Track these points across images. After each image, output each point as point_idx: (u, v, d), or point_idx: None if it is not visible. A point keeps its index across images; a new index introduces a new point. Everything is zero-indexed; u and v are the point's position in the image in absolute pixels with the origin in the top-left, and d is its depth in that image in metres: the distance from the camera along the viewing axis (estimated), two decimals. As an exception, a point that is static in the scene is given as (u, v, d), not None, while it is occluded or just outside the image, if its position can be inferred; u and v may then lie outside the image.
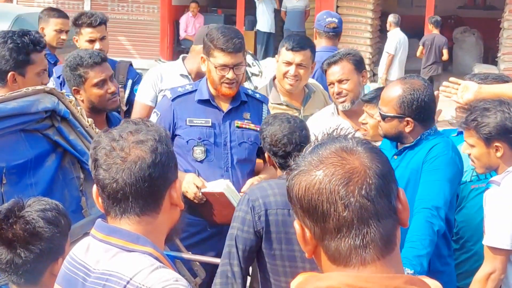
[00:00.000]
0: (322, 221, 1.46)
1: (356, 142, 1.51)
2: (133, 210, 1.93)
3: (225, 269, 3.32)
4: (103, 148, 1.94)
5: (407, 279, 1.44)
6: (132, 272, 1.86)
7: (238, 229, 3.31)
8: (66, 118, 3.55)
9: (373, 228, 1.45)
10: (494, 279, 3.31)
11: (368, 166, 1.46)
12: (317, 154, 1.50)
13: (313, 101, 4.84)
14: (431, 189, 3.39)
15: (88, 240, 2.01)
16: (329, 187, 1.45)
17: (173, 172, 1.98)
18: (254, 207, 3.28)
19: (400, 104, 3.51)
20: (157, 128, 2.00)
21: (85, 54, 4.05)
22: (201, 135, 4.03)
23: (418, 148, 3.56)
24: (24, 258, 2.40)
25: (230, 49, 3.95)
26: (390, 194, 1.48)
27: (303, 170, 1.50)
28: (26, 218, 2.41)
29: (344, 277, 1.44)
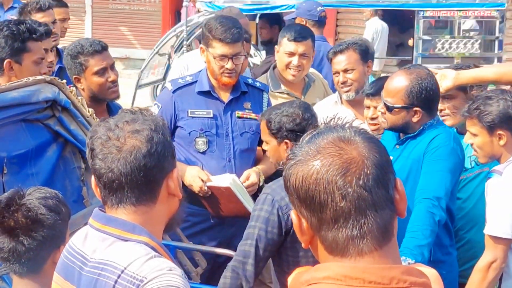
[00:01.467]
0: (319, 211, 1.45)
1: (353, 131, 1.50)
2: (129, 200, 1.93)
3: (237, 266, 3.25)
4: (99, 137, 1.94)
5: (404, 269, 1.44)
6: (126, 262, 1.86)
7: (260, 229, 3.21)
8: (67, 108, 3.55)
9: (371, 219, 1.44)
10: (495, 268, 3.32)
11: (366, 156, 1.45)
12: (314, 143, 1.49)
13: (313, 90, 4.84)
14: (432, 180, 3.38)
15: (86, 229, 2.01)
16: (326, 177, 1.44)
17: (170, 162, 1.97)
18: (281, 207, 3.19)
19: (409, 94, 3.49)
20: (154, 117, 1.99)
21: (86, 42, 4.05)
22: (203, 126, 4.03)
23: (420, 138, 3.55)
24: (27, 245, 2.40)
25: (228, 40, 3.95)
26: (388, 184, 1.47)
27: (300, 160, 1.49)
28: (28, 205, 2.41)
29: (341, 268, 1.44)
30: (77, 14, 14.57)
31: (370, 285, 1.41)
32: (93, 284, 1.90)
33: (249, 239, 3.23)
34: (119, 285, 1.84)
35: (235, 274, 3.25)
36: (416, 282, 1.44)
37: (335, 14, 16.15)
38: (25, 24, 3.80)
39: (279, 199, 3.19)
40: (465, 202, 3.87)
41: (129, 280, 1.83)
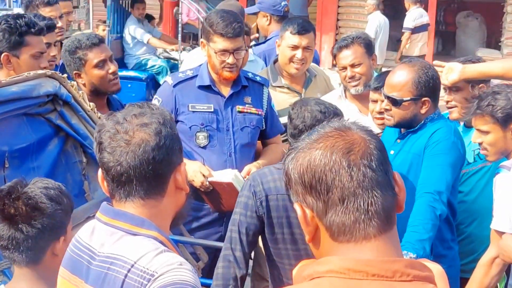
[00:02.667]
0: (326, 193, 1.46)
1: (350, 123, 1.54)
2: (137, 193, 1.93)
3: (227, 253, 3.34)
4: (107, 131, 1.94)
5: (408, 262, 1.44)
6: (136, 256, 1.85)
7: (240, 214, 3.33)
8: (68, 102, 3.54)
9: (376, 199, 1.46)
10: (498, 263, 3.31)
11: (367, 140, 1.49)
12: (314, 135, 1.52)
13: (315, 84, 4.83)
14: (433, 174, 3.38)
15: (93, 223, 2.01)
16: (331, 158, 1.46)
17: (177, 155, 1.98)
18: (255, 192, 3.30)
19: (417, 85, 3.49)
20: (162, 111, 1.99)
21: (83, 36, 4.05)
22: (203, 121, 4.03)
23: (421, 132, 3.54)
24: (26, 233, 2.40)
25: (229, 34, 3.94)
26: (388, 170, 1.50)
27: (302, 148, 1.51)
28: (29, 194, 2.42)
29: (344, 261, 1.44)
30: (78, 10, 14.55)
31: (374, 278, 1.42)
32: (102, 279, 1.89)
33: (233, 225, 3.34)
34: (129, 279, 1.84)
35: (226, 262, 3.32)
36: (419, 275, 1.44)
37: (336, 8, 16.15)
38: (24, 18, 3.80)
39: (255, 185, 3.29)
40: (467, 196, 3.87)
41: (139, 275, 1.83)
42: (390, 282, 1.42)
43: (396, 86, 3.53)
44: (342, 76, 4.46)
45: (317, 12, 16.29)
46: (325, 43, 15.82)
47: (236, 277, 3.32)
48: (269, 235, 3.35)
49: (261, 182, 3.31)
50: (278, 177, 3.31)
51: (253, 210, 3.31)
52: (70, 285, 2.00)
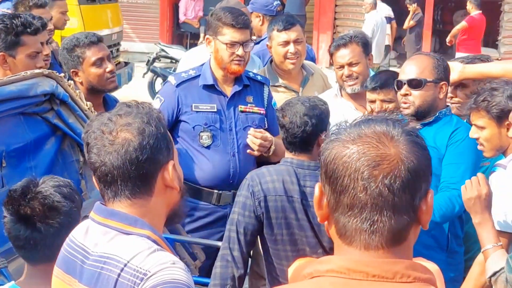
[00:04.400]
0: (339, 193, 1.45)
1: (402, 130, 1.48)
2: (123, 193, 1.93)
3: (225, 253, 3.35)
4: (93, 131, 1.95)
5: (409, 264, 1.44)
6: (129, 255, 1.86)
7: (239, 214, 3.34)
8: (65, 101, 3.55)
9: (385, 218, 1.43)
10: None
11: (402, 158, 1.43)
12: (359, 128, 1.48)
13: (312, 83, 4.83)
14: (458, 171, 3.47)
15: (87, 222, 2.01)
16: (355, 164, 1.43)
17: (164, 154, 1.96)
18: (254, 192, 3.31)
19: (437, 69, 3.59)
20: (149, 110, 1.98)
21: (81, 35, 4.06)
22: (207, 121, 4.03)
23: (437, 126, 3.61)
24: (44, 232, 2.41)
25: (240, 25, 3.95)
26: (416, 193, 1.45)
27: (339, 139, 1.48)
28: (44, 193, 2.42)
29: (345, 261, 1.44)
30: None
31: (374, 279, 1.41)
32: (95, 278, 1.90)
33: (232, 225, 3.35)
34: (122, 278, 1.84)
35: (224, 262, 3.34)
36: (421, 277, 1.43)
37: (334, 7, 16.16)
38: (20, 18, 3.80)
39: (254, 185, 3.31)
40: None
41: (132, 274, 1.83)
42: (390, 284, 1.41)
43: (417, 70, 3.61)
44: (338, 74, 4.47)
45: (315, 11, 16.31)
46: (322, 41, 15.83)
47: (233, 277, 3.33)
48: (268, 235, 3.35)
49: (259, 182, 3.31)
50: (277, 178, 3.32)
51: (251, 210, 3.32)
52: (64, 284, 2.00)
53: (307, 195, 3.26)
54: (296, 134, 3.34)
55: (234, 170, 4.02)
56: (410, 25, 14.76)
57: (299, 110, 3.35)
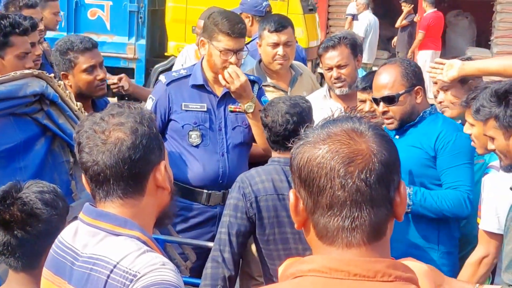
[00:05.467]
0: (316, 195, 1.46)
1: (368, 126, 1.50)
2: (115, 193, 1.93)
3: (216, 255, 3.38)
4: (85, 131, 1.95)
5: (390, 263, 1.44)
6: (119, 256, 1.85)
7: (230, 216, 3.37)
8: (55, 102, 3.53)
9: (365, 213, 1.45)
10: (486, 263, 3.32)
11: (374, 152, 1.46)
12: (327, 128, 1.50)
13: (300, 83, 4.85)
14: (461, 173, 3.52)
15: (76, 224, 2.00)
16: (330, 163, 1.44)
17: (156, 154, 1.97)
18: (245, 194, 3.35)
19: (406, 77, 3.58)
20: (140, 110, 1.99)
21: (76, 39, 4.02)
22: (196, 120, 4.03)
23: (422, 126, 3.63)
24: (21, 239, 2.39)
25: (235, 34, 3.94)
26: (390, 185, 1.47)
27: (309, 141, 1.50)
28: (24, 199, 2.40)
29: (327, 261, 1.44)
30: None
31: (355, 278, 1.42)
32: (85, 279, 1.89)
33: (223, 227, 3.38)
34: (111, 280, 1.84)
35: (215, 263, 3.37)
36: (402, 276, 1.44)
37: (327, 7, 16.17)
38: (8, 18, 3.78)
39: (244, 186, 3.36)
40: None
41: (122, 275, 1.83)
42: (371, 282, 1.42)
43: (387, 85, 3.59)
44: (327, 76, 4.48)
45: (308, 11, 16.28)
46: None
47: (224, 278, 3.35)
48: (260, 235, 3.38)
49: (249, 183, 3.35)
50: (266, 178, 3.36)
51: (243, 211, 3.35)
52: (53, 286, 2.00)
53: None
54: (279, 133, 3.41)
55: (224, 170, 4.02)
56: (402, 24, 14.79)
57: (281, 109, 3.42)
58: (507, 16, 15.12)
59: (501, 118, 2.93)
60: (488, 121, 3.00)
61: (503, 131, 2.95)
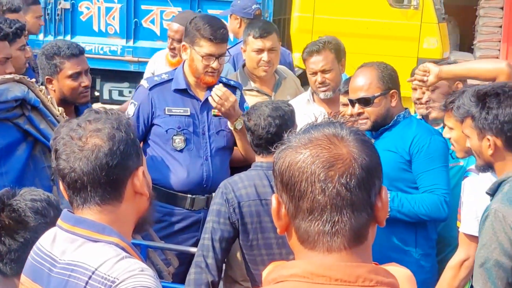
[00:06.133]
0: (297, 199, 1.46)
1: (350, 131, 1.50)
2: (93, 199, 1.92)
3: (199, 260, 3.39)
4: (62, 138, 1.94)
5: (371, 268, 1.44)
6: (97, 263, 1.84)
7: (213, 222, 3.39)
8: (37, 107, 3.51)
9: (345, 218, 1.45)
10: (467, 266, 3.34)
11: (355, 156, 1.46)
12: (309, 133, 1.50)
13: (284, 87, 4.87)
14: (433, 177, 3.56)
15: (54, 230, 2.00)
16: (310, 167, 1.45)
17: (134, 160, 1.96)
18: (228, 199, 3.37)
19: (382, 80, 3.63)
20: (118, 116, 1.98)
21: (64, 44, 3.99)
22: (180, 124, 4.03)
23: (396, 129, 3.67)
24: (8, 246, 2.37)
25: (218, 40, 3.94)
26: (371, 189, 1.47)
27: (291, 146, 1.50)
28: (14, 206, 2.38)
29: (308, 265, 1.45)
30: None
31: (336, 283, 1.42)
32: (63, 286, 1.88)
33: (206, 233, 3.40)
34: (90, 286, 1.83)
35: (198, 269, 3.38)
36: (383, 281, 1.44)
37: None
38: None
39: (227, 192, 3.39)
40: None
41: (100, 281, 1.82)
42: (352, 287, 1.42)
43: (363, 87, 3.64)
44: (311, 80, 4.49)
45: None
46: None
47: (208, 283, 3.36)
48: (244, 241, 3.40)
49: (232, 189, 3.38)
50: (248, 183, 3.38)
51: (226, 217, 3.37)
52: None
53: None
54: (261, 136, 3.44)
55: (208, 174, 4.02)
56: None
57: (263, 112, 3.45)
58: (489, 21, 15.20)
59: (477, 119, 2.97)
60: (465, 119, 3.04)
61: (477, 131, 2.99)
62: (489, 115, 2.94)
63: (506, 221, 2.82)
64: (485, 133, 2.96)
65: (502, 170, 2.98)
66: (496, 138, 2.95)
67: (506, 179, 2.94)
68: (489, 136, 2.95)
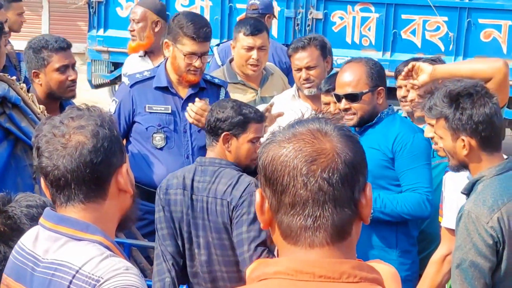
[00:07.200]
0: (280, 193, 1.45)
1: (334, 126, 1.49)
2: (77, 197, 1.90)
3: (157, 252, 3.45)
4: (44, 135, 1.91)
5: (355, 264, 1.44)
6: (81, 261, 1.83)
7: (155, 212, 3.47)
8: (18, 104, 3.50)
9: (327, 213, 1.44)
10: (450, 261, 3.33)
11: (338, 152, 1.45)
12: (293, 128, 1.49)
13: (271, 83, 4.86)
14: (416, 176, 3.57)
15: (37, 229, 1.97)
16: (293, 161, 1.44)
17: (118, 157, 1.94)
18: (160, 186, 3.44)
19: (371, 77, 3.63)
20: (100, 113, 1.96)
21: (51, 38, 3.99)
22: (161, 122, 4.01)
23: (380, 127, 3.67)
24: (4, 253, 2.34)
25: (200, 38, 3.92)
26: (355, 185, 1.46)
27: (275, 141, 1.49)
28: (9, 213, 2.34)
29: (292, 262, 1.44)
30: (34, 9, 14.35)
31: (321, 280, 1.41)
32: (46, 285, 1.86)
33: (157, 224, 3.46)
34: (74, 285, 1.81)
35: (159, 259, 3.44)
36: (367, 277, 1.44)
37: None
38: None
39: (163, 180, 3.46)
40: None
41: (84, 280, 1.81)
42: (337, 284, 1.41)
43: (351, 83, 3.63)
44: (296, 77, 4.50)
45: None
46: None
47: (168, 269, 3.40)
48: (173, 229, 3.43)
49: (167, 178, 3.46)
50: (180, 174, 3.42)
51: (158, 203, 3.44)
52: None
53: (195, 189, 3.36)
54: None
55: None
56: None
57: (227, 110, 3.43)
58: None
59: (450, 119, 2.96)
60: (438, 120, 3.03)
61: (451, 132, 2.98)
62: (463, 116, 2.94)
63: (480, 222, 2.84)
64: (459, 134, 2.96)
65: (477, 170, 2.99)
66: (471, 139, 2.95)
67: (480, 178, 2.95)
68: (463, 136, 2.95)
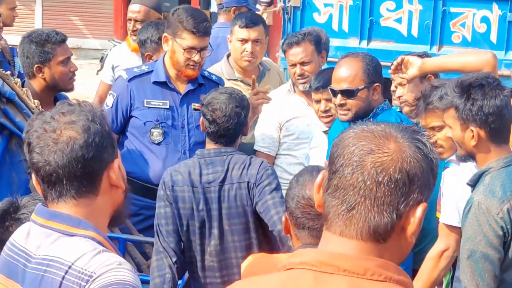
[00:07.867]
0: (333, 173, 1.46)
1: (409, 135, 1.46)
2: (69, 193, 1.89)
3: (157, 247, 3.44)
4: (35, 130, 1.90)
5: (381, 263, 1.42)
6: (73, 257, 1.82)
7: (157, 207, 3.46)
8: (12, 99, 3.49)
9: (362, 208, 1.42)
10: (447, 257, 3.34)
11: (400, 156, 1.42)
12: (376, 124, 1.50)
13: (268, 79, 4.85)
14: None
15: (28, 225, 1.97)
16: (353, 146, 1.44)
17: (109, 152, 1.94)
18: (164, 181, 3.42)
19: (367, 73, 3.61)
20: (91, 108, 1.95)
21: (51, 31, 3.99)
22: (158, 117, 4.00)
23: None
24: None
25: (200, 33, 3.92)
26: (403, 196, 1.42)
27: (355, 127, 1.51)
28: (23, 220, 2.34)
29: (318, 254, 1.44)
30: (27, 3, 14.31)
31: (344, 273, 1.41)
32: (38, 281, 1.86)
33: (155, 220, 3.47)
34: (66, 281, 1.81)
35: (158, 255, 3.42)
36: (392, 277, 1.42)
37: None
38: None
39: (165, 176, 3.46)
40: None
41: (77, 276, 1.80)
42: (360, 279, 1.40)
43: (347, 78, 3.61)
44: (291, 72, 4.49)
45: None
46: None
47: (170, 265, 3.40)
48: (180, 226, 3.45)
49: (169, 173, 3.45)
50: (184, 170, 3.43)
51: (164, 198, 3.44)
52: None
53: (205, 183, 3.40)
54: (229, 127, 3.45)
55: None
56: None
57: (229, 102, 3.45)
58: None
59: (461, 110, 2.97)
60: (448, 109, 3.04)
61: (461, 122, 2.99)
62: (473, 107, 2.95)
63: (490, 213, 2.84)
64: (468, 124, 2.97)
65: (484, 161, 2.99)
66: (480, 129, 2.96)
67: (487, 170, 2.95)
68: (472, 127, 2.96)
